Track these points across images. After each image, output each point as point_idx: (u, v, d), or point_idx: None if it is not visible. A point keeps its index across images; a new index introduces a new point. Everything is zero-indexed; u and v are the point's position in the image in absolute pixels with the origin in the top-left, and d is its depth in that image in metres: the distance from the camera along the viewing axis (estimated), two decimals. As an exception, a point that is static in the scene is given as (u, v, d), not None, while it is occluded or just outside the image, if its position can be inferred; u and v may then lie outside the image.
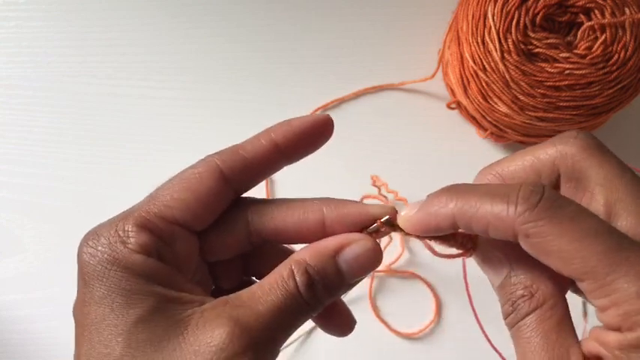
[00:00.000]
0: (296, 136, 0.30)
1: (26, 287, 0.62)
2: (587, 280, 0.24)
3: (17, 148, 0.64)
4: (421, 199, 0.29)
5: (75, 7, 0.65)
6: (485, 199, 0.26)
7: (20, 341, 0.61)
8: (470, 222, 0.26)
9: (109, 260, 0.27)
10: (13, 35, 0.65)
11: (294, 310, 0.28)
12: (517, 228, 0.25)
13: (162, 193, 0.29)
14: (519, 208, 0.25)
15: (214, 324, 0.26)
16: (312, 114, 0.31)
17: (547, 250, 0.25)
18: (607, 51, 0.51)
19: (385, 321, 0.60)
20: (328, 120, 0.31)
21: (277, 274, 0.28)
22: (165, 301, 0.27)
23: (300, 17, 0.65)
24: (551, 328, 0.26)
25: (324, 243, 0.30)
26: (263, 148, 0.30)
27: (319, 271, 0.29)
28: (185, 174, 0.30)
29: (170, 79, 0.64)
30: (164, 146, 0.63)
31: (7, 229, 0.62)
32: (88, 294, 0.27)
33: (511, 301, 0.27)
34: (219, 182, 0.29)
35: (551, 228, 0.24)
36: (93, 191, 0.63)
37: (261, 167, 0.31)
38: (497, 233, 0.26)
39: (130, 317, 0.26)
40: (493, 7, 0.52)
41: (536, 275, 0.27)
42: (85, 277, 0.27)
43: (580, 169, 0.27)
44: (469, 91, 0.57)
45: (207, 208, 0.30)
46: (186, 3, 0.65)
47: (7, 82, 0.65)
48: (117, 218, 0.29)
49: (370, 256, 0.29)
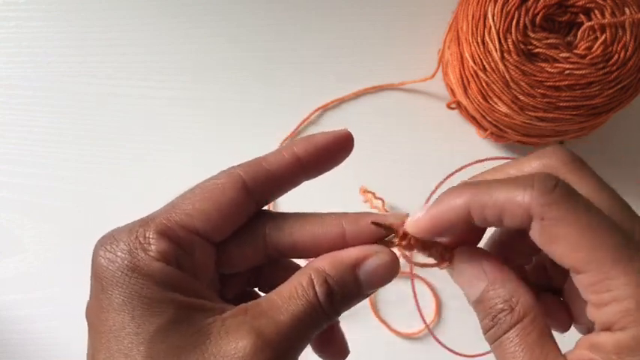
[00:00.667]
0: (318, 151, 0.31)
1: (26, 287, 0.62)
2: (590, 272, 0.24)
3: (17, 148, 0.64)
4: (415, 208, 0.30)
5: (75, 7, 0.65)
6: (499, 186, 0.26)
7: (20, 341, 0.61)
8: (484, 209, 0.26)
9: (129, 267, 0.27)
10: (13, 35, 0.65)
11: (313, 319, 0.28)
12: (534, 210, 0.25)
13: (184, 202, 0.29)
14: (536, 191, 0.25)
15: (237, 335, 0.26)
16: (334, 130, 0.31)
17: (557, 235, 0.25)
18: (607, 51, 0.51)
19: (385, 321, 0.60)
20: (349, 136, 0.31)
21: (296, 283, 0.28)
22: (186, 310, 0.27)
23: (300, 17, 0.65)
24: (534, 341, 0.26)
25: (344, 254, 0.29)
26: (285, 161, 0.30)
27: (338, 282, 0.28)
28: (207, 184, 0.30)
29: (170, 79, 0.64)
30: (164, 146, 0.63)
31: (7, 229, 0.62)
32: (106, 300, 0.26)
33: (491, 315, 0.27)
34: (242, 194, 0.29)
35: (566, 213, 0.25)
36: (93, 191, 0.63)
37: (283, 181, 0.31)
38: (513, 219, 0.26)
39: (151, 326, 0.26)
40: (493, 7, 0.52)
41: (515, 288, 0.27)
42: (103, 283, 0.27)
43: None
44: (469, 91, 0.57)
45: (227, 220, 0.29)
46: (186, 3, 0.65)
47: (7, 82, 0.65)
48: (136, 224, 0.28)
49: (389, 267, 0.30)
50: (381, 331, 0.60)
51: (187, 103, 0.64)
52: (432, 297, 0.60)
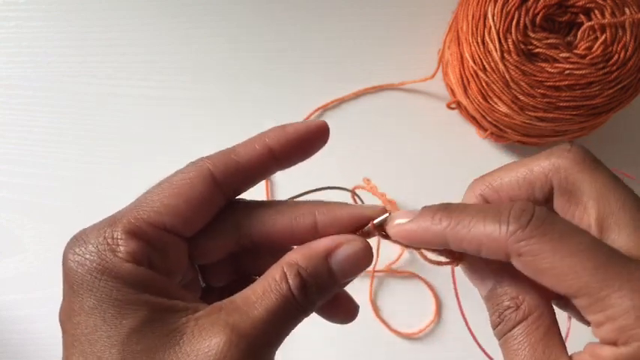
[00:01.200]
0: (290, 141, 0.30)
1: (26, 287, 0.62)
2: (581, 297, 0.25)
3: (17, 148, 0.64)
4: (415, 208, 0.30)
5: (75, 7, 0.65)
6: (477, 220, 0.26)
7: (20, 341, 0.61)
8: (462, 242, 0.27)
9: (98, 269, 0.26)
10: (13, 35, 0.65)
11: (289, 313, 0.28)
12: (509, 247, 0.25)
13: (152, 199, 0.28)
14: (511, 227, 0.25)
15: (211, 332, 0.26)
16: (308, 120, 0.31)
17: (540, 269, 0.25)
18: (607, 51, 0.51)
19: (385, 321, 0.60)
20: (323, 126, 0.31)
21: (270, 278, 0.28)
22: (159, 310, 0.26)
23: (300, 17, 0.65)
24: (538, 340, 0.26)
25: (315, 244, 0.29)
26: (256, 152, 0.30)
27: (311, 273, 0.28)
28: (175, 178, 0.29)
29: (170, 79, 0.64)
30: (164, 146, 0.63)
31: (7, 229, 0.62)
32: (77, 303, 0.26)
33: (498, 312, 0.28)
34: (211, 188, 0.29)
35: (542, 246, 0.25)
36: (93, 191, 0.63)
37: (254, 172, 0.30)
38: (490, 253, 0.26)
39: (123, 328, 0.26)
40: (493, 7, 0.52)
41: (522, 286, 0.27)
42: (74, 286, 0.26)
43: (573, 182, 0.28)
44: (469, 91, 0.57)
45: (197, 214, 0.29)
46: (186, 3, 0.65)
47: (7, 82, 0.65)
48: (104, 223, 0.28)
49: (362, 256, 0.29)
50: (381, 331, 0.60)
51: (187, 103, 0.64)
52: (432, 297, 0.60)
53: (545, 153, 0.29)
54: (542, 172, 0.28)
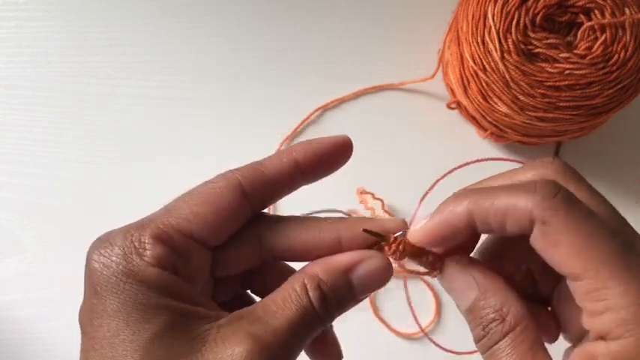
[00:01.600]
0: (317, 156, 0.30)
1: (26, 287, 0.62)
2: (587, 279, 0.24)
3: (17, 148, 0.64)
4: (414, 208, 0.30)
5: (75, 7, 0.65)
6: (502, 192, 0.27)
7: (20, 341, 0.61)
8: (487, 215, 0.27)
9: (123, 272, 0.26)
10: (13, 35, 0.65)
11: (308, 324, 0.28)
12: (536, 215, 0.25)
13: (181, 206, 0.29)
14: (539, 196, 0.25)
15: (233, 341, 0.26)
16: (333, 136, 0.31)
17: (557, 241, 0.25)
18: (607, 51, 0.51)
19: (385, 321, 0.60)
20: (348, 142, 0.31)
21: (290, 289, 0.28)
22: (181, 316, 0.26)
23: (300, 17, 0.65)
24: (525, 351, 0.26)
25: (337, 258, 0.30)
26: (284, 166, 0.30)
27: (332, 287, 0.29)
28: (205, 188, 0.29)
29: (170, 79, 0.64)
30: (164, 146, 0.63)
31: (7, 229, 0.62)
32: (100, 305, 0.26)
33: (482, 325, 0.28)
34: (239, 199, 0.29)
35: (567, 219, 0.25)
36: (93, 191, 0.63)
37: (281, 185, 0.30)
38: (515, 224, 0.26)
39: (146, 333, 0.25)
40: (493, 7, 0.52)
41: (506, 298, 0.28)
42: (97, 288, 0.26)
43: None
44: (469, 91, 0.57)
45: (225, 224, 0.29)
46: (186, 3, 0.65)
47: (7, 82, 0.65)
48: (132, 227, 0.28)
49: (382, 273, 0.30)
50: (381, 331, 0.60)
51: (187, 103, 0.64)
52: (432, 297, 0.60)
53: (529, 165, 0.29)
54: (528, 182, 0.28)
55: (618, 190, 0.63)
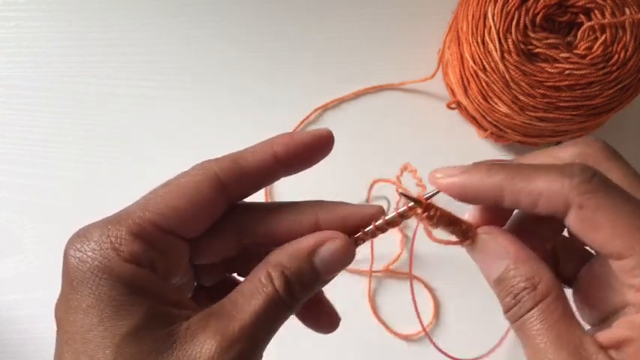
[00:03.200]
0: (296, 148, 0.30)
1: (26, 287, 0.62)
2: (632, 256, 0.25)
3: (17, 148, 0.64)
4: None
5: (75, 7, 0.65)
6: (537, 173, 0.27)
7: (20, 341, 0.61)
8: (519, 194, 0.27)
9: (99, 267, 0.26)
10: (13, 35, 0.65)
11: (275, 312, 0.28)
12: (572, 198, 0.26)
13: (158, 200, 0.29)
14: (576, 179, 0.26)
15: (202, 337, 0.26)
16: (314, 129, 0.31)
17: (598, 223, 0.25)
18: (607, 51, 0.51)
19: (384, 321, 0.60)
20: (329, 135, 0.31)
21: (255, 279, 0.29)
22: (155, 315, 0.27)
23: (300, 17, 0.65)
24: (558, 320, 0.26)
25: (298, 243, 0.30)
26: (263, 158, 0.30)
27: (295, 272, 0.29)
28: (182, 180, 0.29)
29: (170, 79, 0.64)
30: (164, 146, 0.63)
31: (7, 229, 0.62)
32: (75, 301, 0.26)
33: (513, 294, 0.27)
34: (216, 191, 0.29)
35: (605, 201, 0.25)
36: (93, 191, 0.63)
37: (260, 177, 0.31)
38: (548, 206, 0.26)
39: (118, 330, 0.26)
40: (493, 7, 0.52)
41: (538, 268, 0.28)
42: (73, 283, 0.26)
43: (599, 169, 0.28)
44: (469, 91, 0.57)
45: (201, 217, 0.29)
46: (187, 3, 0.65)
47: (7, 82, 0.65)
48: (109, 222, 0.28)
49: (344, 252, 0.30)
50: (379, 331, 0.60)
51: (187, 103, 0.64)
52: (430, 299, 0.60)
53: (573, 141, 0.29)
54: (570, 158, 0.29)
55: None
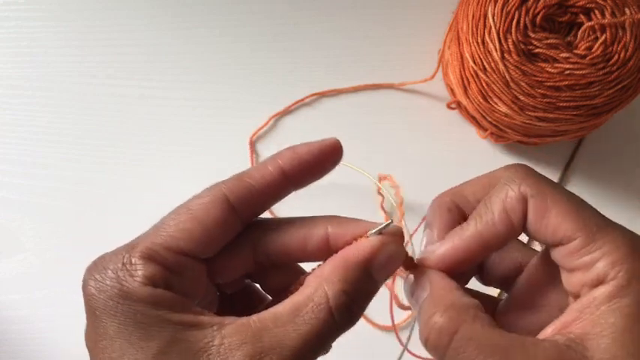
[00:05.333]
0: (303, 163, 0.30)
1: (26, 287, 0.61)
2: (579, 237, 0.26)
3: (17, 148, 0.64)
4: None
5: (75, 7, 0.65)
6: (493, 197, 0.29)
7: (20, 341, 0.61)
8: (494, 227, 0.28)
9: (119, 294, 0.26)
10: (13, 35, 0.65)
11: (325, 336, 0.26)
12: (523, 192, 0.28)
13: (168, 224, 0.29)
14: (518, 179, 0.28)
15: (238, 353, 0.25)
16: (320, 141, 0.30)
17: (546, 208, 0.27)
18: (607, 51, 0.51)
19: (364, 314, 0.60)
20: (336, 145, 0.30)
21: (307, 296, 0.27)
22: (184, 329, 0.26)
23: (300, 17, 0.65)
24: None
25: (350, 255, 0.28)
26: (271, 176, 0.30)
27: (356, 288, 0.27)
28: (191, 203, 0.29)
29: (170, 79, 0.64)
30: (164, 146, 0.63)
31: (7, 229, 0.62)
32: (102, 329, 0.26)
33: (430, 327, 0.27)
34: (226, 212, 0.29)
35: (549, 188, 0.28)
36: (93, 191, 0.63)
37: (269, 195, 0.30)
38: (519, 215, 0.28)
39: (150, 351, 0.25)
40: (493, 7, 0.52)
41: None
42: (96, 312, 0.26)
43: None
44: (469, 91, 0.57)
45: (213, 238, 0.29)
46: (187, 3, 0.65)
47: (7, 82, 0.65)
48: (122, 250, 0.28)
49: (399, 255, 0.29)
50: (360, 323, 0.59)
51: (187, 103, 0.64)
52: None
53: (499, 169, 0.31)
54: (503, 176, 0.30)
55: (618, 190, 0.62)
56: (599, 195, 0.62)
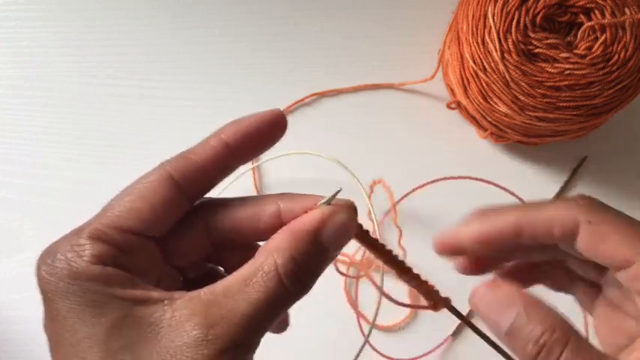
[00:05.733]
0: (246, 135, 0.30)
1: (26, 287, 0.61)
2: (638, 261, 0.27)
3: (17, 148, 0.64)
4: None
5: (75, 7, 0.65)
6: (546, 205, 0.30)
7: (20, 341, 0.61)
8: (536, 223, 0.30)
9: (69, 275, 0.26)
10: (13, 35, 0.65)
11: (277, 304, 0.26)
12: (580, 217, 0.29)
13: (116, 204, 0.29)
14: (580, 202, 0.30)
15: (189, 325, 0.25)
16: (262, 112, 0.30)
17: (605, 234, 0.28)
18: (607, 51, 0.51)
19: (361, 313, 0.59)
20: (278, 114, 0.30)
21: (256, 266, 0.27)
22: (135, 304, 0.26)
23: (300, 17, 0.65)
24: (593, 357, 0.27)
25: (302, 222, 0.28)
26: (214, 150, 0.30)
27: (303, 255, 0.27)
28: (138, 183, 0.29)
29: (170, 79, 0.64)
30: (164, 146, 0.63)
31: (7, 229, 0.62)
32: (54, 311, 0.26)
33: (533, 340, 0.28)
34: (172, 189, 0.29)
35: (606, 216, 0.29)
36: (93, 191, 0.63)
37: (214, 170, 0.30)
38: (562, 229, 0.29)
39: (102, 327, 0.25)
40: (493, 7, 0.52)
41: (549, 310, 0.29)
42: (48, 295, 0.27)
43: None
44: (469, 91, 0.57)
45: (162, 216, 0.29)
46: (187, 3, 0.65)
47: (7, 82, 0.65)
48: (70, 233, 0.28)
49: (351, 221, 0.29)
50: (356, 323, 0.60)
51: (187, 103, 0.64)
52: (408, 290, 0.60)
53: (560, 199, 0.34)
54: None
55: (618, 190, 0.62)
56: (600, 195, 0.62)
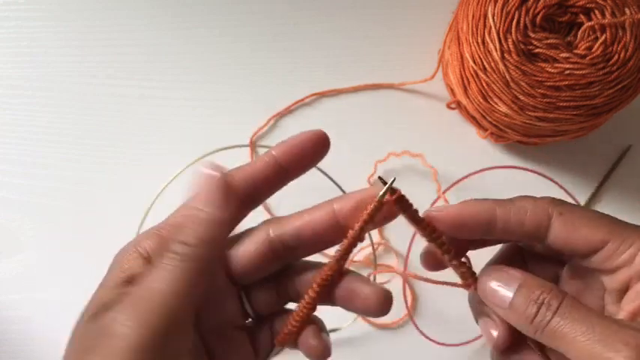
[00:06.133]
0: (292, 149, 0.33)
1: (26, 287, 0.62)
2: (611, 242, 0.30)
3: (17, 148, 0.64)
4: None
5: (75, 7, 0.65)
6: (519, 198, 0.33)
7: (20, 341, 0.61)
8: (509, 213, 0.32)
9: None
10: (13, 35, 0.65)
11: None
12: (552, 210, 0.32)
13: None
14: (549, 198, 0.33)
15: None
16: (308, 131, 0.34)
17: (577, 224, 0.31)
18: (607, 51, 0.51)
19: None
20: (323, 136, 0.33)
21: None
22: None
23: (300, 17, 0.65)
24: (588, 311, 0.29)
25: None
26: (266, 165, 0.33)
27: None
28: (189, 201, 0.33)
29: (170, 79, 0.64)
30: (164, 146, 0.63)
31: (7, 229, 0.62)
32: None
33: (532, 301, 0.30)
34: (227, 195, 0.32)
35: (577, 209, 0.32)
36: (93, 191, 0.63)
37: (266, 183, 0.33)
38: (534, 219, 0.32)
39: None
40: (493, 7, 0.52)
41: (546, 282, 0.31)
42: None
43: None
44: (469, 91, 0.57)
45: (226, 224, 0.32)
46: (187, 3, 0.65)
47: (7, 82, 0.65)
48: None
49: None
50: (357, 321, 0.60)
51: (187, 103, 0.64)
52: (407, 288, 0.60)
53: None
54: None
55: (617, 190, 0.62)
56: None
